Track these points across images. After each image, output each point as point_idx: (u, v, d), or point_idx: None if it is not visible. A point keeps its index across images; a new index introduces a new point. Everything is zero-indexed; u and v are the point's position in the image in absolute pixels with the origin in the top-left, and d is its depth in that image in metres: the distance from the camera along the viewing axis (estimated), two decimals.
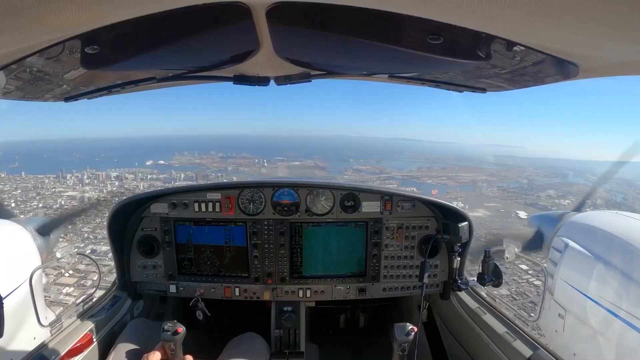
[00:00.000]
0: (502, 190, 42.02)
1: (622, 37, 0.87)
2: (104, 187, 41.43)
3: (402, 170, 64.77)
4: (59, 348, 2.19)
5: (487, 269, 2.56)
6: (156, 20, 1.00)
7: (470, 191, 43.86)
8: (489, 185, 44.99)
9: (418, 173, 59.67)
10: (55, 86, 1.54)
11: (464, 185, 48.17)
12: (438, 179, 52.77)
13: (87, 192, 37.55)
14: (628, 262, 2.52)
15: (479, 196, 39.88)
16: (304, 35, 1.33)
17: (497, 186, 44.25)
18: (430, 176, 55.28)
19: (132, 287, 3.01)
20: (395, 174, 59.50)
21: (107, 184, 43.20)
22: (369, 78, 2.10)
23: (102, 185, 42.25)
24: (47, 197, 33.96)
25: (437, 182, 48.93)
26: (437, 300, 3.32)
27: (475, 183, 46.66)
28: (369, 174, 59.30)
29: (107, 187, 41.54)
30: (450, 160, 52.27)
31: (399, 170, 63.86)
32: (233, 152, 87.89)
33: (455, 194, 41.38)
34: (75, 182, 41.57)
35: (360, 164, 74.85)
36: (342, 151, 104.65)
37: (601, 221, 3.04)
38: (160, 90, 2.23)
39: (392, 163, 76.65)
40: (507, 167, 56.02)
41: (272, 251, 3.01)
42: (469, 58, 1.34)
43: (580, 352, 2.83)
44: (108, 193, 37.00)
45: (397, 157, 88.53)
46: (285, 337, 3.00)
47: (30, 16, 0.77)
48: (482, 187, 44.38)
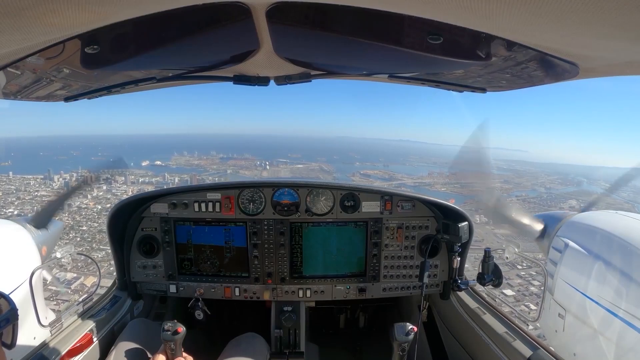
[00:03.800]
0: (521, 200, 39.50)
1: (622, 37, 0.87)
2: (90, 191, 39.53)
3: (412, 175, 63.24)
4: (59, 348, 2.19)
5: (487, 269, 2.55)
6: (156, 20, 1.00)
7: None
8: (506, 193, 43.36)
9: (429, 179, 57.10)
10: (55, 86, 1.54)
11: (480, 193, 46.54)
12: (451, 186, 50.78)
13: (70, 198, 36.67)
14: (627, 262, 2.52)
15: None
16: (303, 35, 1.33)
17: (516, 195, 41.93)
18: (443, 183, 53.25)
19: (132, 287, 3.01)
20: (406, 180, 57.95)
21: (93, 187, 41.98)
22: (369, 78, 2.10)
23: (88, 189, 41.06)
24: (26, 202, 32.78)
25: (451, 189, 47.22)
26: (437, 300, 3.32)
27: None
28: (378, 179, 57.67)
29: (94, 191, 39.17)
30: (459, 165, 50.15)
31: (409, 176, 62.34)
32: (234, 152, 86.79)
33: (474, 204, 39.65)
34: (62, 185, 39.32)
35: (367, 167, 73.47)
36: (346, 153, 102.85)
37: (601, 221, 3.04)
38: (164, 88, 2.23)
39: (400, 167, 75.19)
40: (519, 174, 54.86)
41: (272, 251, 3.01)
42: (469, 58, 1.34)
43: (580, 352, 2.83)
44: (92, 199, 35.29)
45: (404, 161, 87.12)
46: (285, 337, 3.00)
47: (30, 16, 0.77)
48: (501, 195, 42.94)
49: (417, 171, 68.76)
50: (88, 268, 19.48)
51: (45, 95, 1.64)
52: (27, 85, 1.43)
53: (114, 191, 38.80)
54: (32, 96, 1.60)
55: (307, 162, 79.60)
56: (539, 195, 43.25)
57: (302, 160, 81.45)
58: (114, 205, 2.83)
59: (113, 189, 40.43)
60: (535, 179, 51.65)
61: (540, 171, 59.06)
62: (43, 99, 1.67)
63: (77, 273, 19.72)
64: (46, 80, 1.44)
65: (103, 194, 38.33)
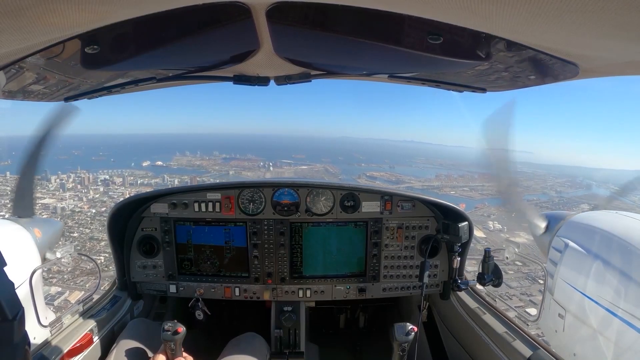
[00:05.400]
0: (534, 205, 39.64)
1: (622, 37, 0.87)
2: (86, 194, 37.52)
3: (419, 178, 62.11)
4: (59, 348, 2.19)
5: (487, 269, 2.56)
6: (156, 20, 1.00)
7: (499, 206, 39.60)
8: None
9: (437, 182, 55.86)
10: (55, 86, 1.54)
11: (490, 197, 42.87)
12: (460, 190, 48.09)
13: (65, 200, 34.46)
14: (627, 262, 2.52)
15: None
16: (303, 35, 1.33)
17: (527, 199, 41.77)
18: (451, 186, 50.77)
19: (132, 287, 3.01)
20: (414, 183, 56.83)
21: (90, 189, 39.46)
22: (369, 78, 2.10)
23: (84, 192, 38.54)
24: None
25: (460, 193, 44.98)
26: (437, 300, 3.32)
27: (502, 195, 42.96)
28: (385, 182, 56.17)
29: (90, 193, 38.08)
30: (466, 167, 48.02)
31: (416, 178, 61.28)
32: (237, 153, 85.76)
33: (485, 209, 36.32)
34: (58, 187, 38.42)
35: (373, 169, 72.66)
36: (351, 154, 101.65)
37: (601, 221, 3.04)
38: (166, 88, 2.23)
39: (407, 169, 74.24)
40: (527, 176, 53.79)
41: (272, 251, 3.01)
42: (469, 58, 1.34)
43: (580, 352, 2.83)
44: (88, 202, 34.28)
45: (410, 163, 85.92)
46: (285, 337, 3.00)
47: (30, 16, 0.77)
48: None
49: (424, 173, 67.74)
50: (75, 281, 18.56)
51: (45, 95, 1.64)
52: (27, 85, 1.43)
53: (110, 193, 37.92)
54: (32, 96, 1.60)
55: (311, 163, 78.70)
56: (550, 199, 42.21)
57: (306, 161, 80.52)
58: (114, 205, 2.83)
59: (110, 190, 39.43)
60: (544, 182, 50.59)
61: (548, 173, 57.87)
62: (43, 99, 1.67)
63: (62, 287, 18.23)
64: (46, 80, 1.44)
65: (99, 196, 37.53)
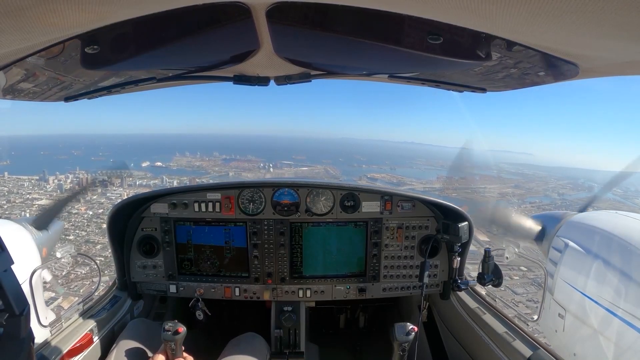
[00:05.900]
0: (536, 207, 36.36)
1: (622, 37, 0.87)
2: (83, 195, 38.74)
3: (420, 179, 61.50)
4: (59, 348, 2.19)
5: (487, 269, 2.55)
6: (156, 20, 1.00)
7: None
8: (520, 200, 40.12)
9: (439, 184, 54.36)
10: (55, 86, 1.54)
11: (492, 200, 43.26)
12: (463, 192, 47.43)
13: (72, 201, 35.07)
14: (627, 262, 2.53)
15: None
16: (303, 35, 1.33)
17: (529, 201, 39.56)
18: (453, 188, 50.50)
19: (132, 287, 3.01)
20: (416, 184, 56.22)
21: (87, 190, 40.53)
22: (369, 78, 2.10)
23: (90, 192, 39.63)
24: (16, 206, 31.38)
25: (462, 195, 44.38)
26: (437, 300, 3.32)
27: (504, 197, 40.17)
28: (387, 184, 55.48)
29: (87, 194, 39.28)
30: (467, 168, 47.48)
31: (418, 180, 60.60)
32: (237, 153, 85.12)
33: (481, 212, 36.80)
34: (55, 187, 37.84)
35: (374, 171, 72.08)
36: (351, 155, 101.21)
37: (601, 221, 3.04)
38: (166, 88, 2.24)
39: (408, 170, 73.55)
40: (529, 178, 53.00)
41: (272, 251, 3.01)
42: (469, 58, 1.34)
43: (580, 352, 2.83)
44: (85, 203, 33.35)
45: (411, 164, 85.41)
46: (285, 337, 3.00)
47: (30, 16, 0.77)
48: (514, 202, 38.78)
49: (425, 175, 67.17)
50: (69, 286, 18.18)
51: (46, 95, 1.64)
52: (27, 85, 1.43)
53: (108, 195, 37.20)
54: (32, 96, 1.60)
55: (311, 164, 78.18)
56: (552, 201, 41.43)
57: (307, 163, 79.99)
58: (114, 205, 2.83)
59: (108, 192, 39.60)
60: (545, 183, 49.89)
61: (549, 175, 57.28)
62: (43, 99, 1.67)
63: (54, 293, 18.36)
64: (46, 80, 1.43)
65: (97, 197, 36.41)
